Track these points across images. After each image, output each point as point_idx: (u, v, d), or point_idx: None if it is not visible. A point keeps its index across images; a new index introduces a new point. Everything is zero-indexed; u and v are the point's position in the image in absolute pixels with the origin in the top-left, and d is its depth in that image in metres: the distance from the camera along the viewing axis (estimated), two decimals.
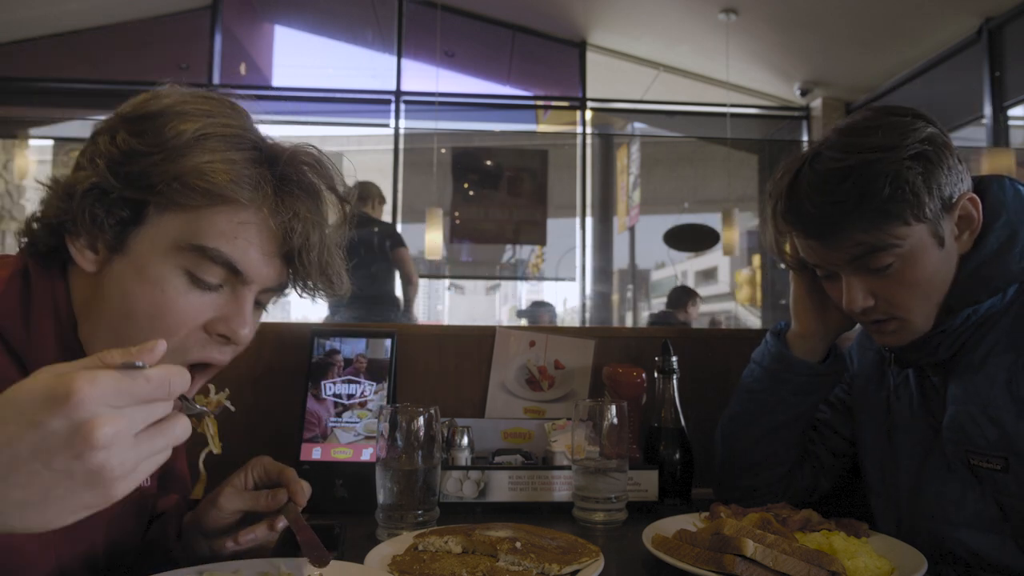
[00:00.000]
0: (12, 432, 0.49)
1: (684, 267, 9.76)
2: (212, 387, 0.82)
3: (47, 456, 0.48)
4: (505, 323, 7.93)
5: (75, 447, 0.48)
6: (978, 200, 1.02)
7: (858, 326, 1.21)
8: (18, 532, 0.51)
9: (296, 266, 0.84)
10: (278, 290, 0.87)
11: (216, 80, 6.56)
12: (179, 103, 0.78)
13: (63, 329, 0.80)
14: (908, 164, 0.97)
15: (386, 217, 6.70)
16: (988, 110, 5.67)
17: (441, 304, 9.15)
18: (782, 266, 1.13)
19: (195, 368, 0.83)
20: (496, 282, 8.31)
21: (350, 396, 1.31)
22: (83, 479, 0.50)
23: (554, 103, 7.84)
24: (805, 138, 7.54)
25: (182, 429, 0.55)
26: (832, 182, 1.00)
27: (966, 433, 1.01)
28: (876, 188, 0.97)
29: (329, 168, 0.87)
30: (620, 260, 7.68)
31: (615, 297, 7.75)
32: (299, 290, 0.90)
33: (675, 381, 1.34)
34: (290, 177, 0.82)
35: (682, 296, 5.72)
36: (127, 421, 0.51)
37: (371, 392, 1.32)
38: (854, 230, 1.00)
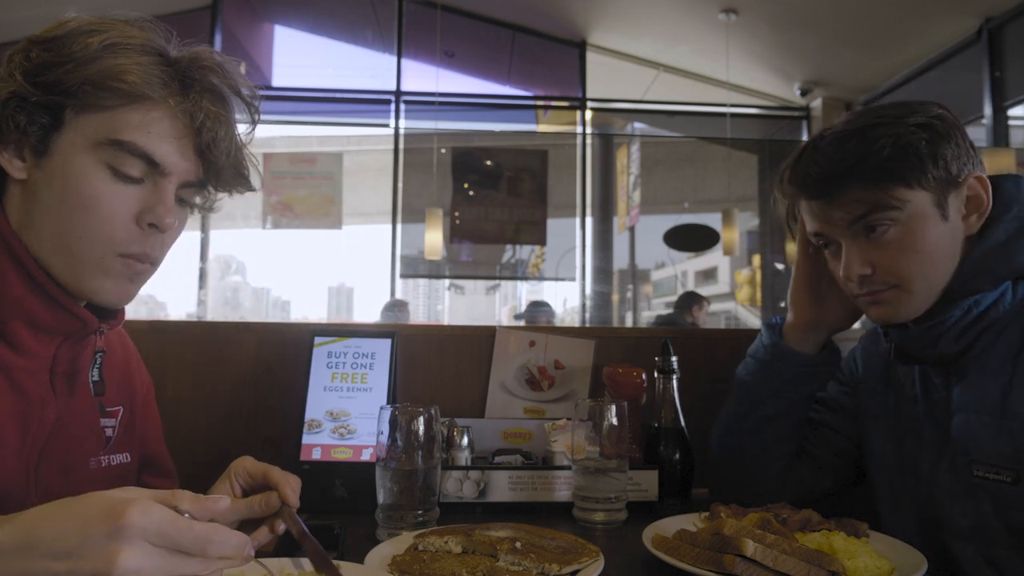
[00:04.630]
0: (64, 527, 0.55)
1: (684, 267, 9.76)
2: None
3: (79, 561, 0.54)
4: (505, 323, 7.93)
5: (99, 566, 0.54)
6: (988, 182, 1.02)
7: (856, 325, 1.22)
8: None
9: (209, 160, 0.91)
10: (197, 185, 0.93)
11: None
12: (85, 24, 0.85)
13: (27, 271, 0.84)
14: (912, 130, 1.00)
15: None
16: (988, 110, 5.67)
17: (441, 304, 9.15)
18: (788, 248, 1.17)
19: (137, 259, 0.88)
20: (496, 282, 8.30)
21: (350, 396, 1.31)
22: None
23: (554, 103, 7.84)
24: (805, 138, 7.53)
25: None
26: (836, 144, 1.03)
27: (975, 442, 0.99)
28: (878, 147, 0.99)
29: (231, 72, 0.93)
30: (620, 260, 7.68)
31: (615, 297, 7.75)
32: (215, 186, 0.96)
33: (675, 381, 1.34)
34: (194, 77, 0.89)
35: (688, 300, 5.74)
36: (154, 563, 0.56)
37: (371, 392, 1.32)
38: (855, 187, 1.01)
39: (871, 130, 1.01)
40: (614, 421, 1.15)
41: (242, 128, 0.97)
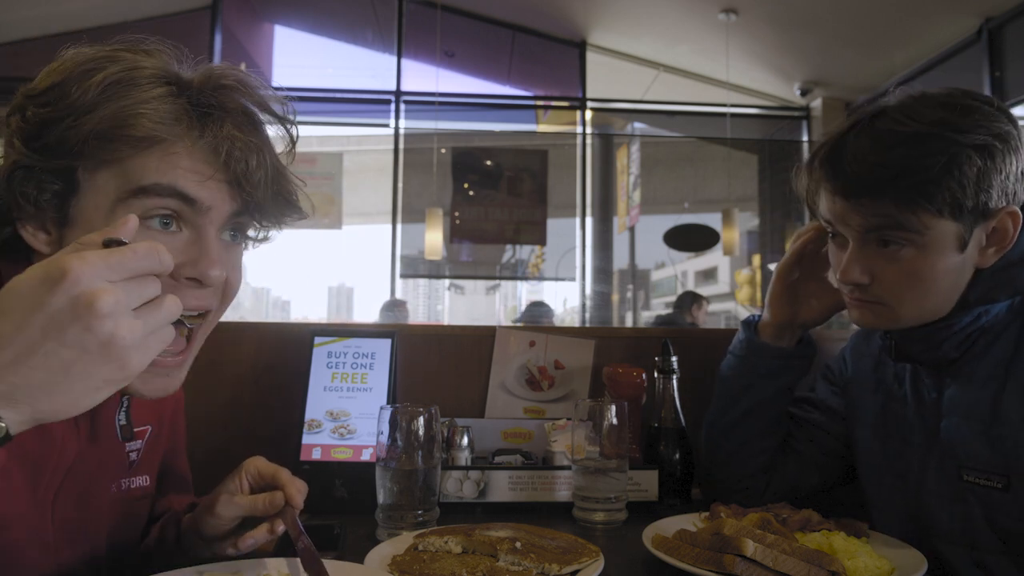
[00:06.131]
0: (18, 319, 0.52)
1: (684, 267, 9.76)
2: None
3: (58, 333, 0.52)
4: (505, 323, 7.93)
5: (82, 319, 0.51)
6: (1020, 217, 0.96)
7: (834, 322, 1.23)
8: (49, 419, 0.54)
9: (246, 193, 0.79)
10: (243, 216, 0.82)
11: None
12: (81, 63, 0.75)
13: None
14: (969, 153, 0.91)
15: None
16: None
17: (441, 304, 9.15)
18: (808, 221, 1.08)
19: (186, 317, 0.79)
20: (496, 282, 8.30)
21: (350, 396, 1.31)
22: (97, 351, 0.53)
23: (554, 103, 7.84)
24: (805, 138, 7.54)
25: (174, 305, 0.59)
26: (885, 144, 0.94)
27: (964, 447, 0.99)
28: (927, 164, 0.91)
29: (255, 87, 0.82)
30: (620, 260, 7.68)
31: (615, 297, 7.75)
32: (259, 221, 0.85)
33: (675, 381, 1.34)
34: (211, 103, 0.78)
35: (688, 300, 5.76)
36: (124, 293, 0.54)
37: (371, 392, 1.32)
38: (886, 201, 0.94)
39: (925, 141, 0.92)
40: (614, 421, 1.15)
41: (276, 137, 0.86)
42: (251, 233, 0.87)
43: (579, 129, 7.25)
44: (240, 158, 0.77)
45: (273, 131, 0.86)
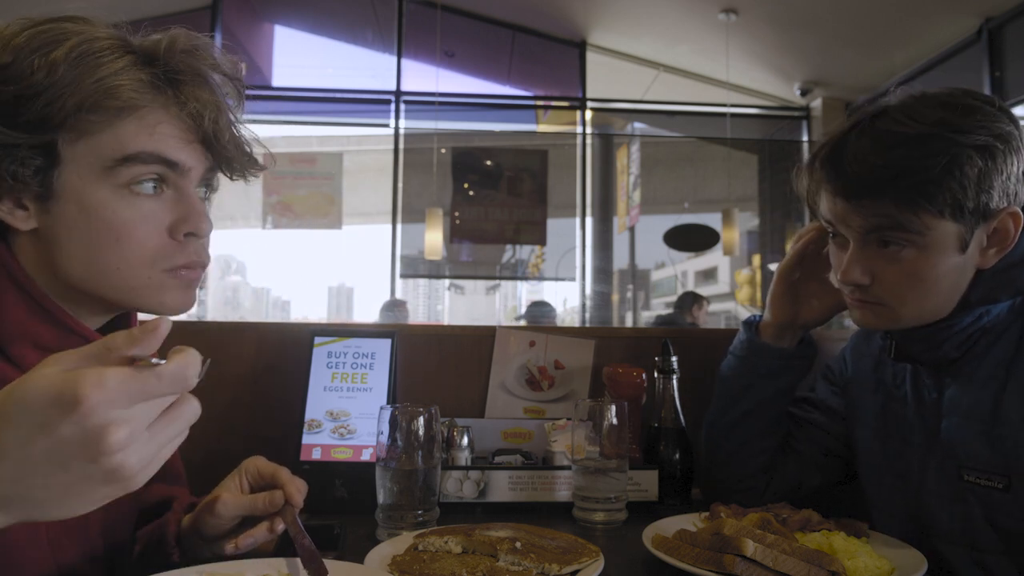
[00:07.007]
0: (23, 435, 0.48)
1: (684, 267, 9.76)
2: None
3: (62, 460, 0.48)
4: (505, 323, 7.93)
5: (88, 451, 0.48)
6: (1021, 217, 0.96)
7: (834, 323, 1.23)
8: (39, 521, 0.52)
9: (216, 150, 0.86)
10: (213, 171, 0.89)
11: None
12: (30, 39, 0.75)
13: (29, 296, 0.79)
14: (970, 153, 0.91)
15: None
16: None
17: (441, 304, 9.14)
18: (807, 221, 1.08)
19: (187, 268, 0.85)
20: (496, 282, 8.30)
21: (350, 396, 1.31)
22: (102, 478, 0.50)
23: (554, 103, 7.84)
24: (805, 138, 7.54)
25: (193, 411, 0.54)
26: (885, 144, 0.94)
27: (964, 448, 0.99)
28: (928, 165, 0.91)
29: (207, 49, 0.86)
30: (620, 260, 7.68)
31: (615, 297, 7.75)
32: (229, 174, 0.91)
33: (675, 381, 1.34)
34: (177, 68, 0.82)
35: (688, 300, 5.77)
36: (140, 420, 0.50)
37: (371, 392, 1.32)
38: (886, 202, 0.94)
39: (926, 142, 0.92)
40: (614, 421, 1.15)
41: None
42: (214, 184, 0.93)
43: (579, 129, 7.25)
44: (212, 119, 0.83)
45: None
